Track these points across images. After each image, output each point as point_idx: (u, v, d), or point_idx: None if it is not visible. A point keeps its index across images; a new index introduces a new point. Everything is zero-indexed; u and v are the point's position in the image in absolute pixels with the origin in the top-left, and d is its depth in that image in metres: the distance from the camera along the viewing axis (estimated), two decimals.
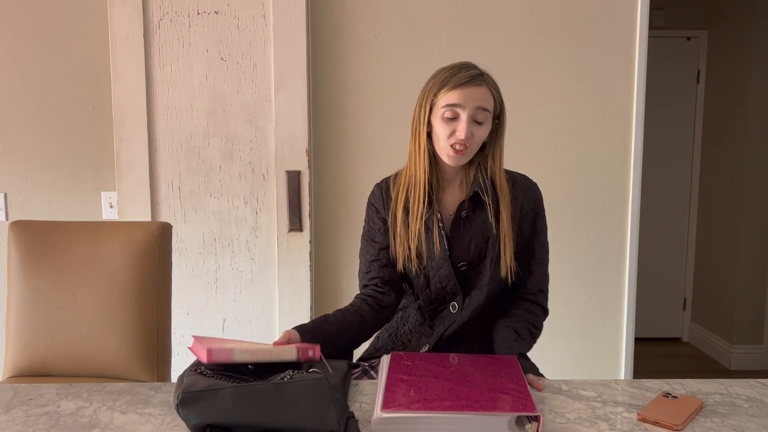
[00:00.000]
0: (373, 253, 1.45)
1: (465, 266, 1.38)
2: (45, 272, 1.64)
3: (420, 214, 1.35)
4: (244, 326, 2.34)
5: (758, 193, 3.63)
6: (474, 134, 1.31)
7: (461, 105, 1.29)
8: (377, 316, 1.41)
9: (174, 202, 2.30)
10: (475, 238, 1.37)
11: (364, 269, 1.47)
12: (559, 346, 2.45)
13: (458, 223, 1.38)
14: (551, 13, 2.33)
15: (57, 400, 1.17)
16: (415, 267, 1.39)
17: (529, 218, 1.40)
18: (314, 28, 2.31)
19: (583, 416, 1.10)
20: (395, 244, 1.40)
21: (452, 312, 1.40)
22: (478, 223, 1.37)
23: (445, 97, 1.30)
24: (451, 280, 1.38)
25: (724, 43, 3.84)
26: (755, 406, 1.14)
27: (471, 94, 1.29)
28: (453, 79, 1.30)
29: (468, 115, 1.30)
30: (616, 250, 2.42)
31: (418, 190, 1.36)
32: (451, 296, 1.40)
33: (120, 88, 2.25)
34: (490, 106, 1.32)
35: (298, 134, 2.25)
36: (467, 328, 1.40)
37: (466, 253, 1.37)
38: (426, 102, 1.34)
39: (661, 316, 4.21)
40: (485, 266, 1.37)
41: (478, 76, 1.32)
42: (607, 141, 2.38)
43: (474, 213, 1.38)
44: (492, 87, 1.34)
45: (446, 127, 1.31)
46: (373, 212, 1.46)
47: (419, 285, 1.42)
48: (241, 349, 1.06)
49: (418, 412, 0.98)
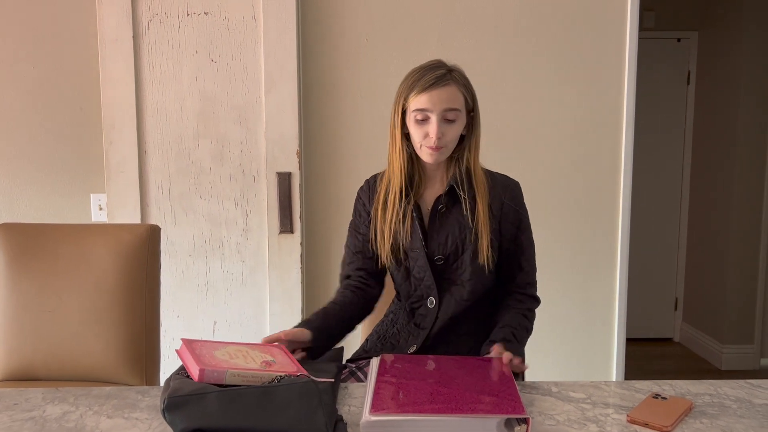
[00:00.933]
0: (357, 245, 1.49)
1: (441, 260, 1.40)
2: (32, 275, 1.63)
3: (395, 209, 1.39)
4: (235, 329, 2.33)
5: (748, 193, 3.64)
6: (446, 133, 1.33)
7: (429, 108, 1.32)
8: (365, 308, 1.48)
9: (164, 204, 2.29)
10: (452, 232, 1.39)
11: (347, 260, 1.51)
12: (550, 347, 2.45)
13: (435, 217, 1.40)
14: (541, 15, 2.33)
15: (43, 405, 1.16)
16: (389, 261, 1.42)
17: (510, 216, 1.41)
18: (304, 29, 2.30)
19: (573, 418, 1.09)
20: (376, 238, 1.43)
21: (429, 307, 1.41)
22: (455, 217, 1.39)
23: (414, 101, 1.33)
24: (427, 272, 1.39)
25: (714, 45, 3.86)
26: (744, 407, 1.14)
27: (438, 96, 1.31)
28: (420, 83, 1.32)
29: (437, 117, 1.32)
30: (607, 251, 2.42)
31: (395, 191, 1.39)
32: (429, 291, 1.41)
33: (109, 90, 2.23)
34: (459, 104, 1.34)
35: (289, 136, 2.25)
36: (455, 327, 1.41)
37: (442, 247, 1.39)
38: (398, 107, 1.37)
39: (652, 317, 4.22)
40: (464, 261, 1.38)
41: (444, 75, 1.33)
42: (598, 142, 2.38)
43: (452, 207, 1.40)
44: (460, 84, 1.35)
45: (419, 129, 1.34)
46: (360, 205, 1.50)
47: (399, 278, 1.46)
48: (233, 372, 1.05)
49: (406, 415, 0.97)
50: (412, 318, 1.46)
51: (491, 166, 1.50)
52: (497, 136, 2.36)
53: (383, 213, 1.41)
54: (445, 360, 1.24)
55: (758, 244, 3.68)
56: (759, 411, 1.12)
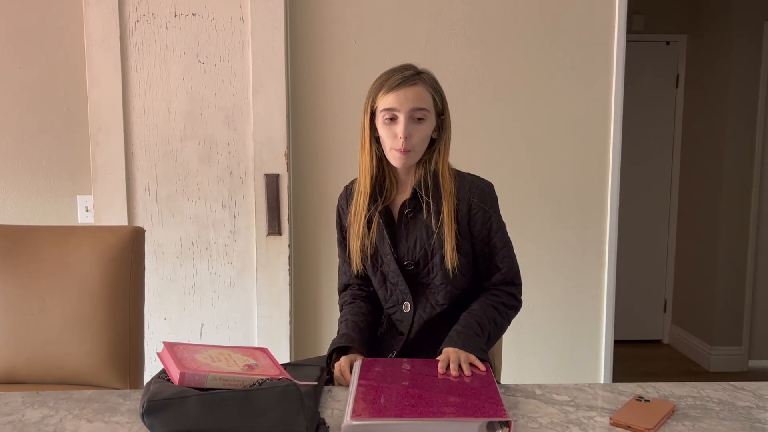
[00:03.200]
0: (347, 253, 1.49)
1: (411, 266, 1.40)
2: (14, 277, 1.61)
3: (362, 214, 1.39)
4: (222, 331, 2.32)
5: (737, 196, 3.67)
6: (413, 134, 1.33)
7: (396, 108, 1.32)
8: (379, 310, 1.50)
9: (151, 206, 2.27)
10: (420, 237, 1.38)
11: (343, 268, 1.54)
12: (538, 349, 2.45)
13: (402, 223, 1.40)
14: (530, 18, 2.33)
15: (22, 409, 1.15)
16: (367, 266, 1.44)
17: (479, 217, 1.39)
18: (293, 31, 2.30)
19: (556, 421, 1.09)
20: (350, 244, 1.44)
21: (405, 312, 1.42)
22: (422, 221, 1.39)
23: (382, 101, 1.34)
24: (400, 278, 1.40)
25: (703, 48, 3.88)
26: (726, 409, 1.14)
27: (405, 95, 1.32)
28: (387, 83, 1.33)
29: (405, 116, 1.32)
30: (595, 252, 2.43)
31: (364, 195, 1.39)
32: (404, 296, 1.42)
33: (96, 91, 2.22)
34: (426, 104, 1.34)
35: (277, 137, 2.24)
36: (433, 332, 1.40)
37: (411, 252, 1.39)
38: (367, 108, 1.38)
39: (641, 319, 4.24)
40: (434, 265, 1.38)
41: (413, 75, 1.34)
42: (586, 145, 2.39)
43: (419, 212, 1.39)
44: (429, 85, 1.36)
45: (388, 130, 1.34)
46: (340, 210, 1.51)
47: (376, 283, 1.47)
48: (214, 375, 1.05)
49: (387, 419, 0.97)
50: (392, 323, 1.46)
51: (476, 168, 1.50)
52: (484, 139, 2.36)
53: (354, 217, 1.42)
54: (428, 363, 1.24)
55: (746, 246, 3.70)
56: (741, 413, 1.12)
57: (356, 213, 1.41)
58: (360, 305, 1.47)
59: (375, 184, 1.39)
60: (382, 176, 1.40)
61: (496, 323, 1.37)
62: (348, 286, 1.53)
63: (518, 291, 1.45)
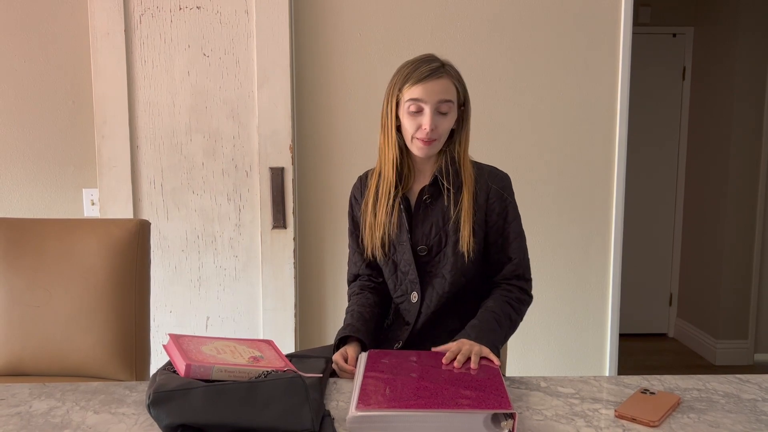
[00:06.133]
0: (360, 243, 1.49)
1: (425, 251, 1.40)
2: (20, 270, 1.62)
3: (387, 204, 1.40)
4: (228, 324, 2.32)
5: (743, 189, 3.65)
6: (439, 126, 1.35)
7: (424, 99, 1.33)
8: (387, 301, 1.50)
9: (156, 199, 2.28)
10: (436, 223, 1.40)
11: (353, 259, 1.54)
12: (544, 342, 2.45)
13: (419, 208, 1.41)
14: (535, 10, 2.32)
15: (29, 400, 1.15)
16: (380, 255, 1.44)
17: (497, 207, 1.41)
18: (297, 24, 2.29)
19: (561, 413, 1.09)
20: (365, 234, 1.44)
21: (413, 302, 1.42)
22: (439, 207, 1.40)
23: (408, 92, 1.34)
24: (412, 266, 1.40)
25: (710, 40, 3.85)
26: (732, 402, 1.14)
27: (432, 88, 1.33)
28: (415, 74, 1.34)
29: (431, 108, 1.33)
30: (600, 246, 2.42)
31: (387, 183, 1.40)
32: (412, 286, 1.42)
33: (101, 84, 2.22)
34: (452, 96, 1.35)
35: (282, 130, 2.24)
36: (439, 323, 1.41)
37: (426, 237, 1.40)
38: (392, 98, 1.38)
39: (647, 312, 4.23)
40: (446, 253, 1.39)
41: (439, 68, 1.35)
42: (592, 137, 2.38)
43: (437, 199, 1.40)
44: (453, 77, 1.37)
45: (412, 120, 1.35)
46: (354, 201, 1.51)
47: (386, 273, 1.47)
48: (220, 367, 1.05)
49: (392, 410, 0.97)
50: (399, 313, 1.47)
51: (484, 160, 1.50)
52: (489, 132, 2.35)
53: (374, 206, 1.42)
54: (433, 355, 1.24)
55: (752, 240, 3.68)
56: (746, 406, 1.12)
57: (379, 202, 1.41)
58: (367, 296, 1.47)
59: (398, 173, 1.40)
60: (401, 164, 1.41)
61: (511, 319, 1.39)
62: (358, 277, 1.54)
63: (529, 286, 1.46)
